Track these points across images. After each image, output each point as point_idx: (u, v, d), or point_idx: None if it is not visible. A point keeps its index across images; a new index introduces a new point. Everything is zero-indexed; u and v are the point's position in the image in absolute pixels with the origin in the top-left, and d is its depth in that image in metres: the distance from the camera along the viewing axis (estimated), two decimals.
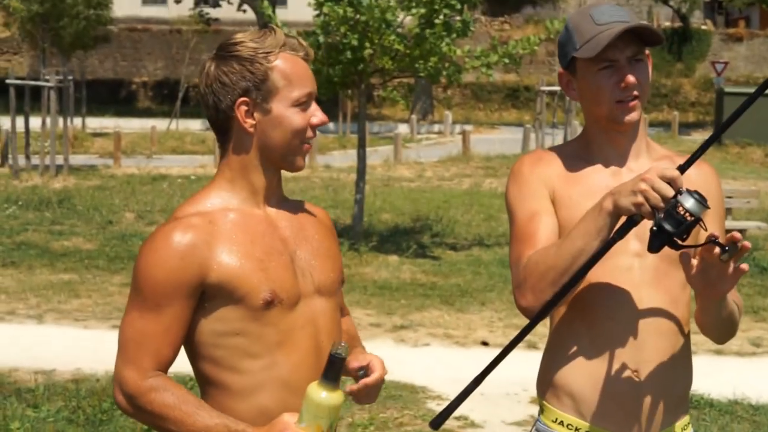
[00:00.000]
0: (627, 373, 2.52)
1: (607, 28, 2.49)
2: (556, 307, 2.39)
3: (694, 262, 2.30)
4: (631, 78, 2.51)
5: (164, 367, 2.31)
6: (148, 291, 2.29)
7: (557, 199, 2.56)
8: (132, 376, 2.27)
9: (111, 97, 46.06)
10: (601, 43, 2.48)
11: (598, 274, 2.49)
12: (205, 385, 2.38)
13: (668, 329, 2.54)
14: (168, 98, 44.53)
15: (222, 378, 2.34)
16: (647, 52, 2.60)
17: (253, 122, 2.37)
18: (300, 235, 2.46)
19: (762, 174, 23.27)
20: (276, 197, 2.46)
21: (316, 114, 2.41)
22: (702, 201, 2.21)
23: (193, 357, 2.39)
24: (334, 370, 2.14)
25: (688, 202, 2.21)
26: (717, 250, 2.23)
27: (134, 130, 32.37)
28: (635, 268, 2.53)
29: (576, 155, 2.64)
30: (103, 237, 13.49)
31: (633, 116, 2.54)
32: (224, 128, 2.41)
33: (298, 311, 2.37)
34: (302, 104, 2.39)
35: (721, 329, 2.57)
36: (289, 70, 2.38)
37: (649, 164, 2.56)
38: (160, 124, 33.80)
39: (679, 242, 2.24)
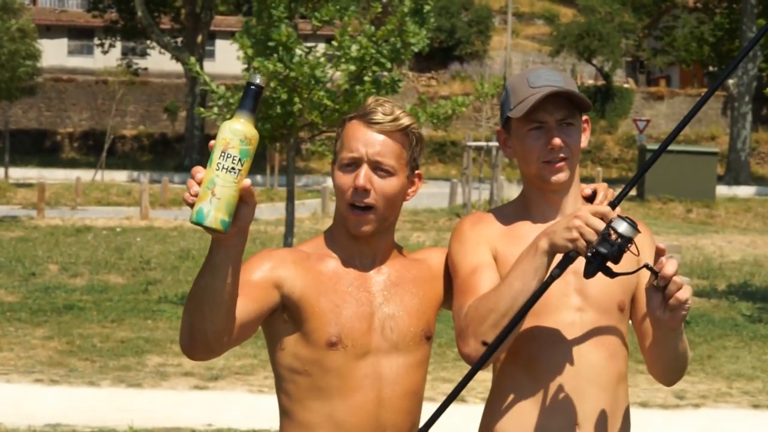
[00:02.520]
0: (570, 427, 2.54)
1: (538, 91, 2.55)
2: (499, 351, 2.40)
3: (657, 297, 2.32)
4: (556, 140, 2.56)
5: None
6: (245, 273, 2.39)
7: (499, 257, 2.59)
8: None
9: (35, 147, 45.52)
10: (530, 104, 2.54)
11: (542, 329, 2.55)
12: (281, 414, 2.57)
13: (608, 383, 2.58)
14: (93, 149, 44.10)
15: (292, 411, 2.52)
16: (585, 117, 2.66)
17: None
18: (392, 290, 2.57)
19: (683, 229, 23.72)
20: (380, 256, 2.59)
21: (358, 177, 2.49)
22: (633, 225, 2.28)
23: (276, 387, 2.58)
24: (247, 99, 2.15)
25: (621, 226, 2.27)
26: (650, 276, 2.30)
27: (58, 181, 31.97)
28: (577, 323, 2.57)
29: (515, 215, 2.68)
30: (26, 289, 13.27)
31: (560, 177, 2.59)
32: None
33: (365, 361, 2.49)
34: (346, 166, 2.50)
35: (675, 365, 2.60)
36: (345, 135, 2.53)
37: None
38: (85, 175, 33.48)
39: (613, 269, 2.29)
